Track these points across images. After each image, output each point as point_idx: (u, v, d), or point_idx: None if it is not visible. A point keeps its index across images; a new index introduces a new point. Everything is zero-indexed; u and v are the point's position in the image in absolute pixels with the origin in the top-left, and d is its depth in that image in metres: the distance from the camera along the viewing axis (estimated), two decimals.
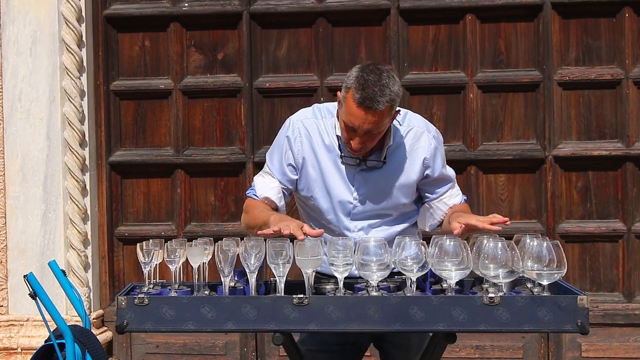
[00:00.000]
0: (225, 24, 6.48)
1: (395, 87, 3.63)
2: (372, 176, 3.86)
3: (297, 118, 3.96)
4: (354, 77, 3.65)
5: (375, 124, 3.62)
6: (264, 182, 3.97)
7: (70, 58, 6.23)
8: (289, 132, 3.92)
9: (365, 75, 3.62)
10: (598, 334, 6.15)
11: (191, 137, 6.54)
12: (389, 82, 3.62)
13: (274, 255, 3.32)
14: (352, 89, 3.62)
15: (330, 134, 3.88)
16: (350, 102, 3.62)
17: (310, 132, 3.89)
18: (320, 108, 3.96)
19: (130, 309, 3.28)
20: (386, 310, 3.20)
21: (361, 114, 3.60)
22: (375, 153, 3.85)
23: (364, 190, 3.87)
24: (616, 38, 6.21)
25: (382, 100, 3.58)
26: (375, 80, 3.60)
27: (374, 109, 3.58)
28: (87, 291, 6.35)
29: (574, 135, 6.26)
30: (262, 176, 4.00)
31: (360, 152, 3.77)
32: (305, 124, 3.91)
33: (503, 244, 3.25)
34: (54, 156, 6.27)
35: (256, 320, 3.23)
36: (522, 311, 3.18)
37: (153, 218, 6.62)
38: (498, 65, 6.30)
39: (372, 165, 3.85)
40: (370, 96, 3.57)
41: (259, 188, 3.96)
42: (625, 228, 6.23)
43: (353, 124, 3.64)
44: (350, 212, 3.89)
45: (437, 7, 6.29)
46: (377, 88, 3.58)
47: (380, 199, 3.88)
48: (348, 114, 3.65)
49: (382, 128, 3.68)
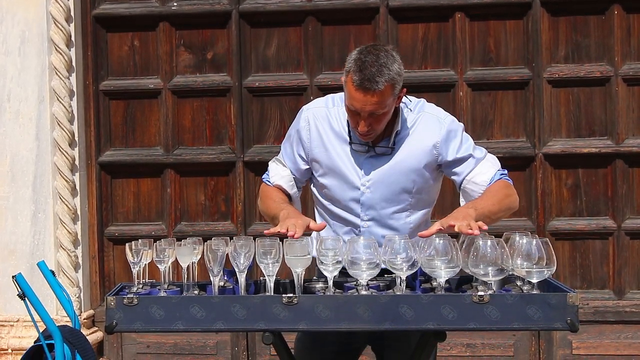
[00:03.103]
0: (215, 24, 6.47)
1: (394, 65, 3.61)
2: (381, 162, 3.83)
3: (308, 107, 3.98)
4: (352, 59, 3.64)
5: (377, 104, 3.60)
6: (276, 169, 4.00)
7: (59, 58, 6.22)
8: (300, 123, 3.94)
9: (363, 57, 3.61)
10: (589, 331, 6.14)
11: (181, 136, 6.53)
12: (387, 62, 3.60)
13: (263, 255, 3.31)
14: (351, 72, 3.61)
15: (341, 121, 3.88)
16: (350, 85, 3.61)
17: (320, 120, 3.90)
18: (334, 97, 3.95)
19: (119, 309, 3.26)
20: (376, 309, 3.19)
21: (361, 96, 3.59)
22: (385, 139, 3.83)
23: (372, 176, 3.84)
24: (605, 35, 6.21)
25: (381, 80, 3.56)
26: (373, 61, 3.58)
27: (373, 90, 3.57)
28: (78, 291, 6.33)
29: (563, 132, 6.26)
30: (276, 163, 4.03)
31: (369, 136, 3.74)
32: (315, 113, 3.92)
33: (492, 242, 3.23)
34: (44, 156, 6.26)
35: (246, 319, 3.22)
36: (512, 309, 3.16)
37: (143, 218, 6.60)
38: (487, 64, 6.30)
39: (381, 152, 3.82)
40: (369, 77, 3.56)
41: (272, 175, 4.00)
42: (615, 225, 6.23)
43: (355, 107, 3.63)
44: (359, 199, 3.86)
45: (426, 5, 6.28)
46: (375, 68, 3.56)
47: (389, 185, 3.84)
48: (349, 98, 3.64)
49: (386, 109, 3.65)
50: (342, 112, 3.87)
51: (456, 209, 3.68)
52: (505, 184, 3.91)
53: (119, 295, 3.33)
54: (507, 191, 3.88)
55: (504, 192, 3.86)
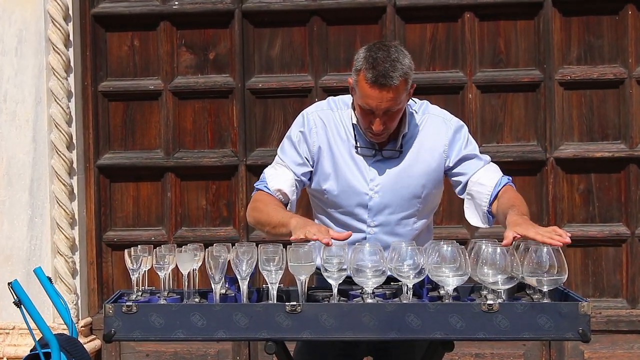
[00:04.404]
0: (217, 23, 6.42)
1: (406, 60, 3.62)
2: (389, 166, 3.81)
3: (312, 110, 3.92)
4: (362, 57, 3.63)
5: (393, 100, 3.59)
6: (276, 173, 3.89)
7: (57, 58, 6.17)
8: (304, 127, 3.87)
9: (373, 54, 3.60)
10: (601, 341, 6.09)
11: (182, 139, 6.48)
12: (399, 56, 3.60)
13: (266, 262, 3.28)
14: (363, 70, 3.60)
15: (346, 125, 3.84)
16: (363, 83, 3.60)
17: (325, 124, 3.86)
18: (336, 100, 3.93)
19: (117, 317, 3.24)
20: (381, 318, 3.16)
21: (376, 93, 3.57)
22: (391, 142, 3.80)
23: (381, 181, 3.80)
24: (619, 36, 6.16)
25: (396, 75, 3.55)
26: (385, 57, 3.57)
27: (389, 86, 3.55)
28: (75, 298, 6.29)
29: (575, 136, 6.21)
30: (275, 168, 3.92)
31: (382, 136, 3.72)
32: (321, 115, 3.88)
33: (502, 249, 3.21)
34: (41, 159, 6.21)
35: (248, 328, 3.19)
36: (522, 318, 3.14)
37: (143, 223, 6.55)
38: (497, 65, 6.26)
39: (389, 155, 3.80)
40: (383, 73, 3.55)
41: (270, 180, 3.87)
42: (629, 232, 6.18)
43: (370, 106, 3.61)
44: (367, 204, 3.81)
45: (434, 4, 6.25)
46: (388, 64, 3.56)
47: (399, 189, 3.80)
48: (363, 97, 3.62)
49: (400, 105, 3.65)
50: (345, 115, 3.87)
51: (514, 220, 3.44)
52: (513, 188, 3.87)
53: (117, 303, 3.32)
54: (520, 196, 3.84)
55: (520, 197, 3.80)
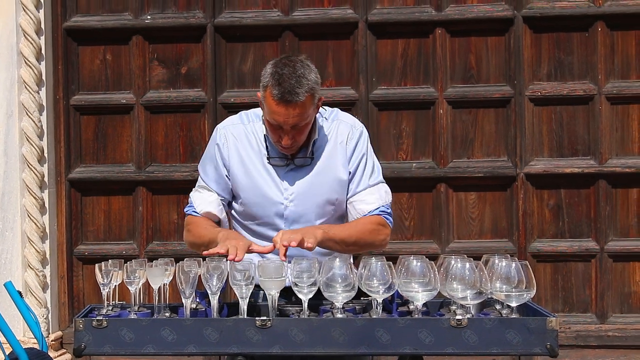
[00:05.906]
0: (189, 37, 6.41)
1: (312, 75, 3.66)
2: (302, 174, 3.85)
3: (223, 125, 3.96)
4: (268, 74, 3.66)
5: (300, 116, 3.62)
6: (201, 197, 3.96)
7: (28, 71, 6.14)
8: (218, 140, 3.92)
9: (279, 69, 3.63)
10: (570, 355, 6.04)
11: (153, 153, 6.45)
12: (304, 72, 3.63)
13: (237, 276, 3.27)
14: (269, 87, 3.62)
15: (258, 137, 3.87)
16: (270, 100, 3.63)
17: (236, 138, 3.89)
18: (248, 114, 3.96)
19: (88, 331, 3.22)
20: (351, 333, 3.16)
21: (283, 110, 3.60)
22: (303, 150, 3.84)
23: (295, 189, 3.84)
24: (589, 53, 6.18)
25: (301, 92, 3.59)
26: (291, 73, 3.60)
27: (295, 102, 3.59)
28: (46, 312, 6.25)
29: (545, 152, 6.23)
30: (199, 191, 3.98)
31: (292, 149, 3.76)
32: (232, 130, 3.91)
33: (471, 264, 3.22)
34: (12, 173, 6.18)
35: (218, 343, 3.18)
36: (490, 334, 3.14)
37: (114, 237, 6.52)
38: (468, 81, 6.26)
39: (301, 163, 3.84)
40: (289, 90, 3.58)
41: (197, 204, 3.94)
42: (598, 247, 6.18)
43: (278, 121, 3.65)
44: (282, 213, 3.84)
45: (406, 20, 6.25)
46: (294, 80, 3.59)
47: (312, 197, 3.83)
48: (271, 113, 3.65)
49: (308, 119, 3.68)
50: (258, 127, 3.90)
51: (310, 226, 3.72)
52: (379, 220, 3.89)
53: (87, 317, 3.29)
54: (375, 227, 3.87)
55: (370, 228, 3.85)
